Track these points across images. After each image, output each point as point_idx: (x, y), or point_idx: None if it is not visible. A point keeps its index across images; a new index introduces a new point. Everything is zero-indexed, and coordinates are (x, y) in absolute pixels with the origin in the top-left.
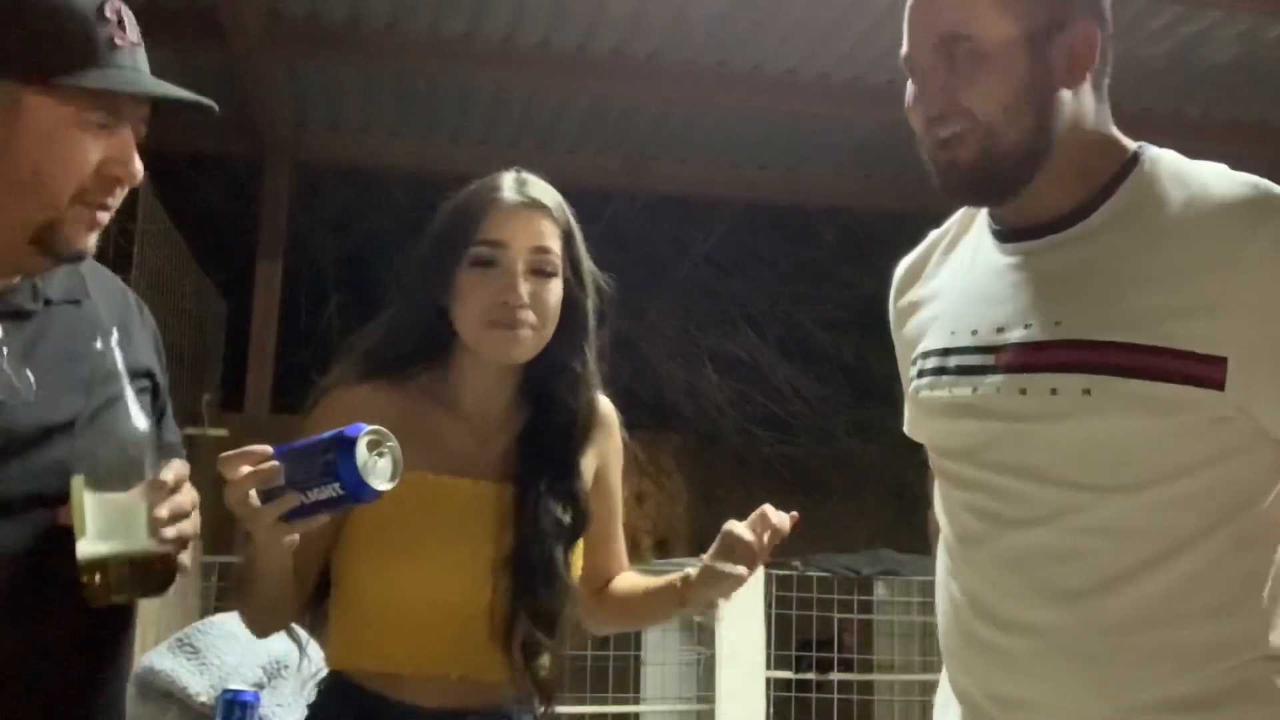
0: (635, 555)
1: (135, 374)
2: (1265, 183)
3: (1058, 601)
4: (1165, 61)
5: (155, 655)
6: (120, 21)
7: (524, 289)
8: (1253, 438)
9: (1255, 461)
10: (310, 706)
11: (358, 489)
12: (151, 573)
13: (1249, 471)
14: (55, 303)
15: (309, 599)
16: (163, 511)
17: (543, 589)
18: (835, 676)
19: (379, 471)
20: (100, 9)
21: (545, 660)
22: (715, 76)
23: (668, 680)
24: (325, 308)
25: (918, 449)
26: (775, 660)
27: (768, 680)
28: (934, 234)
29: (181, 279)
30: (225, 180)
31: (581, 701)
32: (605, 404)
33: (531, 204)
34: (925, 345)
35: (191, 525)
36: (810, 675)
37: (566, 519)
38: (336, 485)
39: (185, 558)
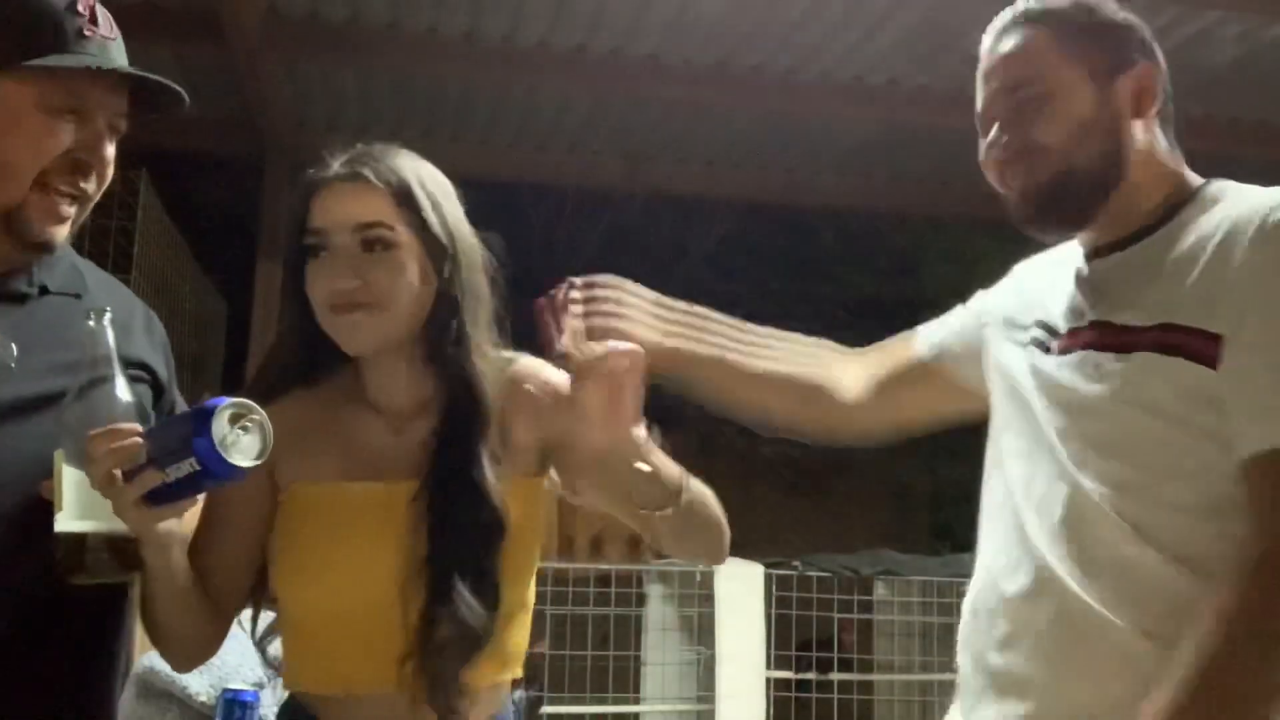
0: (635, 554)
1: (128, 363)
2: None
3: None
4: (1165, 61)
5: (155, 655)
6: (93, 17)
7: (354, 271)
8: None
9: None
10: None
11: (216, 465)
12: (129, 554)
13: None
14: (54, 292)
15: (226, 618)
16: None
17: (448, 602)
18: (835, 676)
19: (241, 447)
20: (73, 3)
21: (440, 679)
22: (715, 76)
23: (668, 680)
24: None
25: (918, 449)
26: (775, 660)
27: (768, 680)
28: (1050, 252)
29: (181, 279)
30: (225, 180)
31: (581, 701)
32: (524, 365)
33: (350, 178)
34: (1008, 313)
35: (172, 508)
36: (810, 675)
37: (477, 521)
38: (193, 460)
39: None
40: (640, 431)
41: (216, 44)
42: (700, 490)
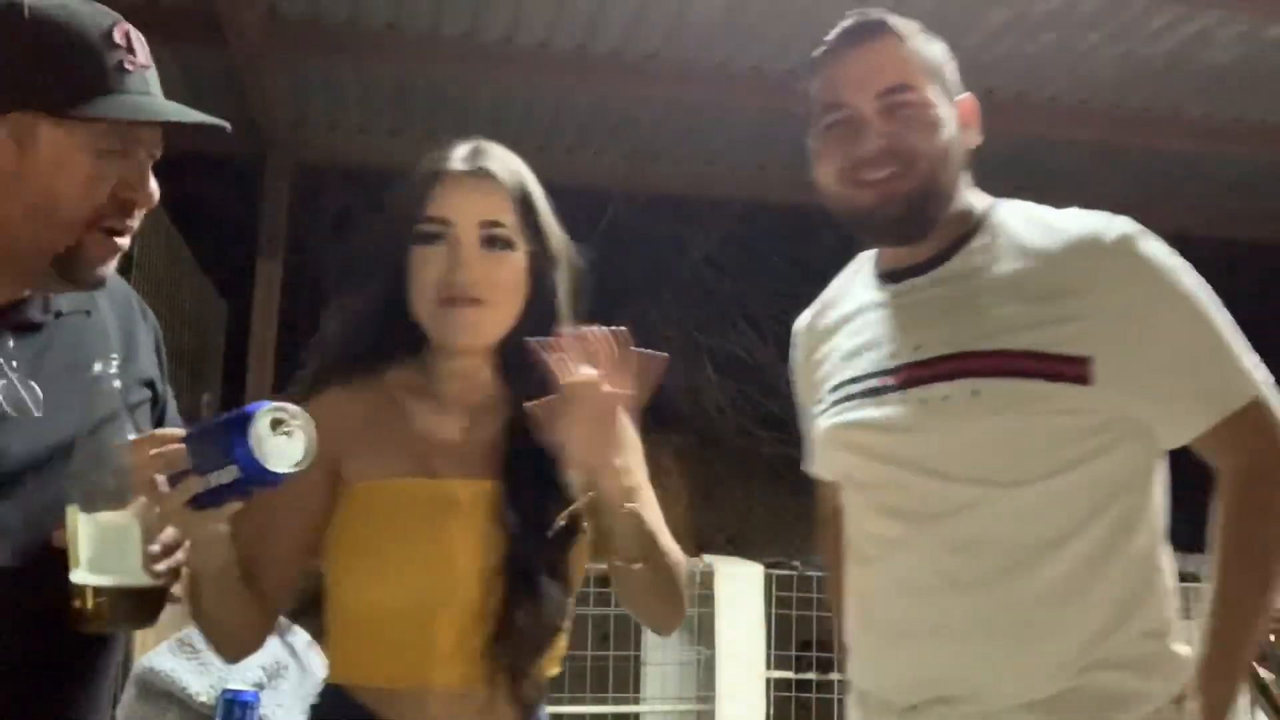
0: None
1: (139, 384)
2: (1115, 217)
3: (971, 588)
4: (1165, 61)
5: (155, 655)
6: (129, 45)
7: (474, 266)
8: (1123, 431)
9: (1128, 453)
10: (310, 711)
11: (256, 472)
12: (144, 605)
13: (1123, 463)
14: (65, 314)
15: (273, 610)
16: (156, 548)
17: (525, 596)
18: (835, 676)
19: (283, 453)
20: (109, 34)
21: (523, 669)
22: (715, 76)
23: (668, 680)
24: (325, 308)
25: None
26: (775, 660)
27: (768, 680)
28: (825, 294)
29: (181, 279)
30: (225, 180)
31: (581, 701)
32: None
33: (478, 173)
34: (831, 382)
35: (184, 553)
36: (810, 675)
37: (553, 521)
38: (234, 468)
39: (177, 588)
40: (629, 477)
41: (217, 45)
42: (676, 561)
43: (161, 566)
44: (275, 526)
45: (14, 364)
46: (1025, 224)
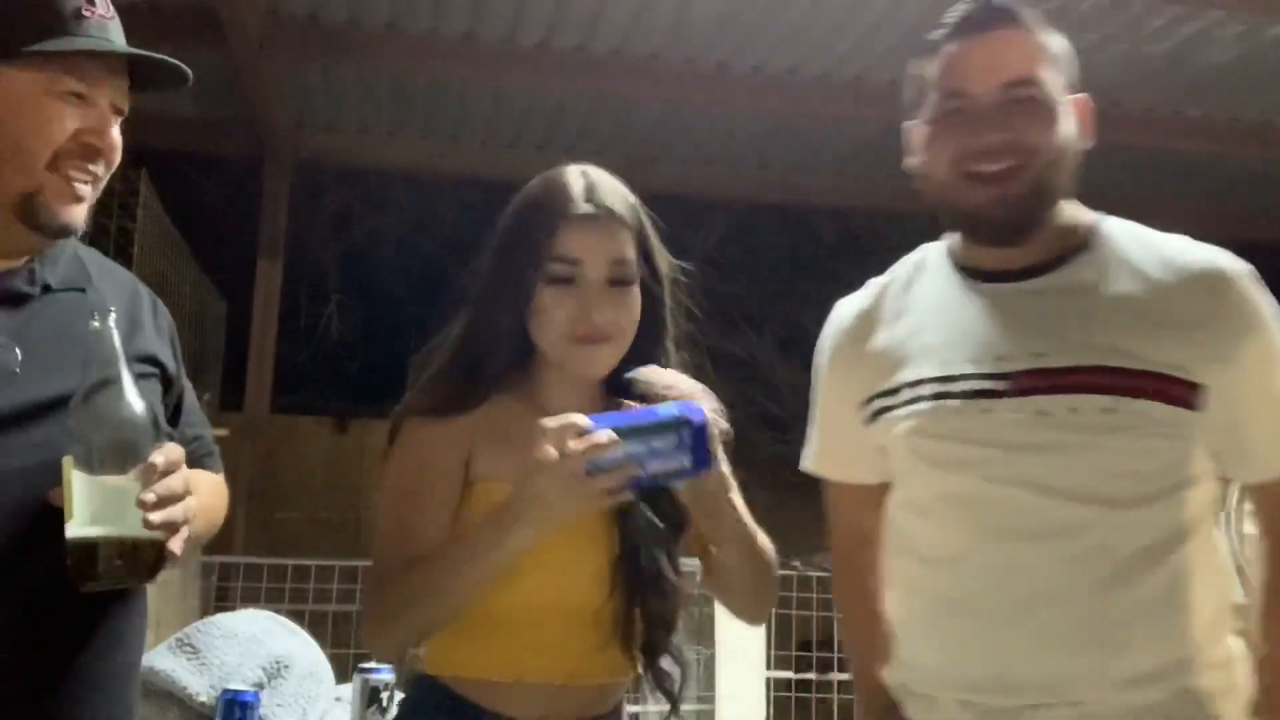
0: None
1: (139, 359)
2: (1226, 254)
3: (1076, 599)
4: (1165, 61)
5: (155, 655)
6: None
7: (605, 306)
8: (1213, 459)
9: (1213, 479)
10: (400, 706)
11: (703, 463)
12: (140, 560)
13: (1211, 487)
14: (56, 289)
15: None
16: (150, 496)
17: (655, 590)
18: (835, 676)
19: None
20: None
21: (666, 659)
22: (715, 76)
23: None
24: (325, 308)
25: None
26: (775, 660)
27: (768, 680)
28: (878, 281)
29: (181, 279)
30: (225, 180)
31: None
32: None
33: (607, 215)
34: (911, 375)
35: (183, 510)
36: (810, 675)
37: (667, 518)
38: (686, 460)
39: (176, 545)
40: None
41: (217, 45)
42: (767, 550)
43: (157, 517)
44: (441, 519)
45: None
46: (1137, 246)
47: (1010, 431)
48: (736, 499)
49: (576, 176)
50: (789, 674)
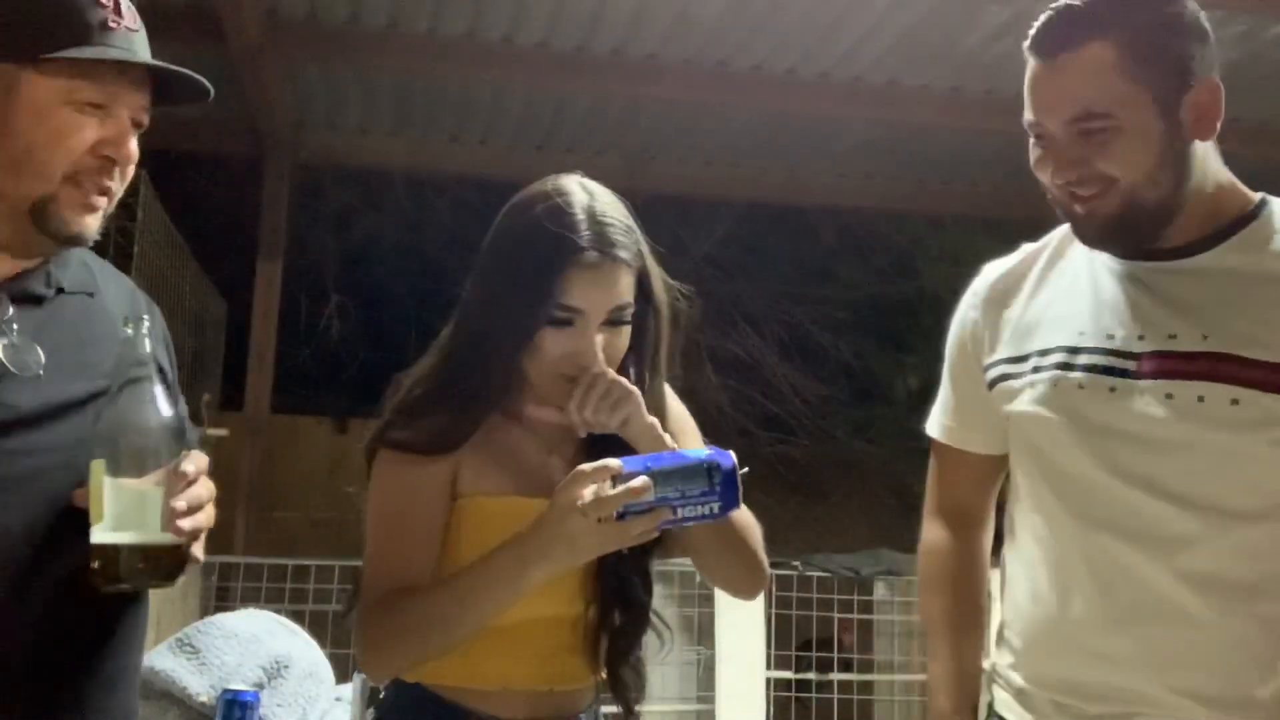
0: None
1: (140, 364)
2: None
3: (1195, 621)
4: None
5: (155, 655)
6: (116, 8)
7: (600, 349)
8: None
9: None
10: (382, 708)
11: (730, 507)
12: (163, 564)
13: None
14: (69, 292)
15: None
16: (181, 503)
17: (621, 601)
18: (835, 676)
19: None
20: None
21: (626, 669)
22: (715, 76)
23: (668, 680)
24: (325, 308)
25: (917, 448)
26: (775, 660)
27: (768, 680)
28: (1030, 247)
29: (181, 279)
30: (225, 180)
31: None
32: (662, 387)
33: (613, 261)
34: (1039, 344)
35: (206, 518)
36: (810, 675)
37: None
38: (715, 505)
39: (198, 550)
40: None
41: (217, 45)
42: (750, 523)
43: (187, 524)
44: (432, 542)
45: (14, 327)
46: None
47: (1131, 418)
48: None
49: (582, 209)
50: (789, 674)
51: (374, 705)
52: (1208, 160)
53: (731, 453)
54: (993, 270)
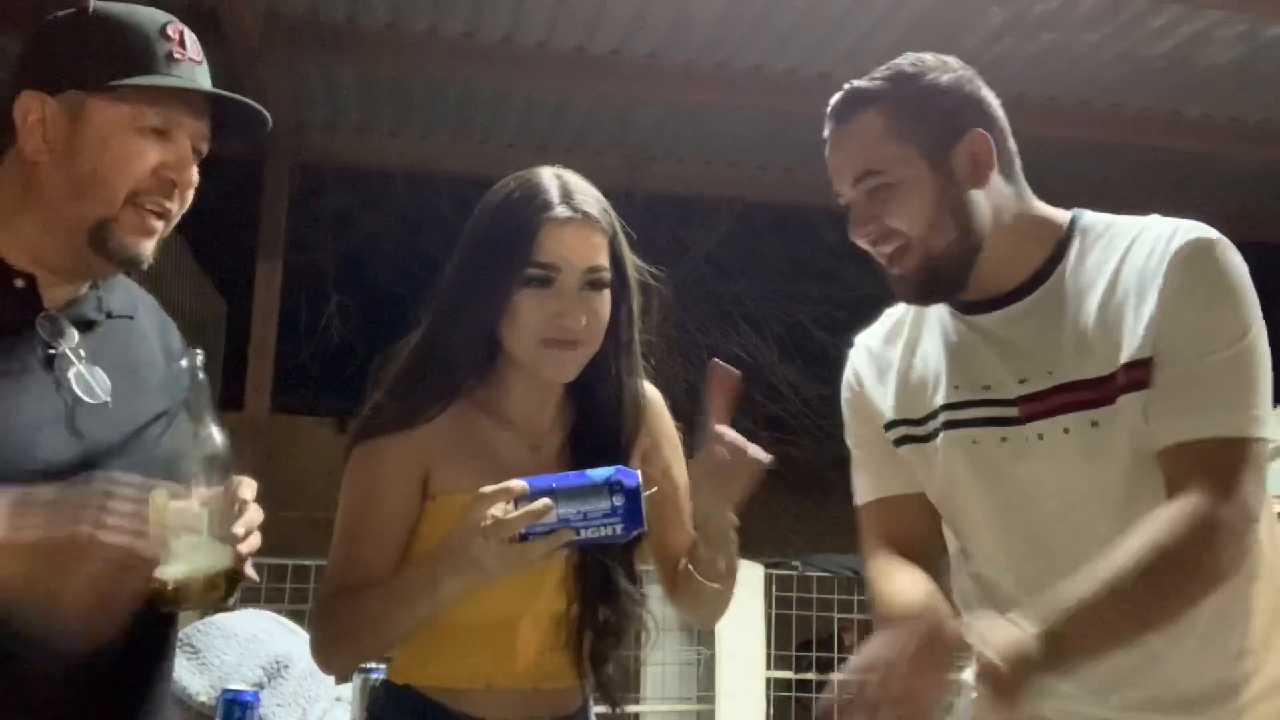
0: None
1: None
2: (1188, 224)
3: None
4: (1165, 61)
5: None
6: (181, 40)
7: (579, 310)
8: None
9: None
10: (369, 710)
11: (633, 528)
12: (223, 586)
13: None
14: (115, 316)
15: None
16: (240, 528)
17: (605, 597)
18: (835, 676)
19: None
20: (163, 29)
21: (611, 666)
22: (715, 76)
23: (668, 680)
24: (325, 308)
25: None
26: (775, 660)
27: (768, 680)
28: (894, 311)
29: (181, 279)
30: (225, 180)
31: None
32: (648, 389)
33: (583, 219)
34: (933, 403)
35: (258, 540)
36: (810, 675)
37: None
38: (619, 525)
39: (250, 569)
40: (732, 518)
41: (217, 44)
42: (735, 569)
43: (245, 549)
44: (388, 542)
45: (81, 354)
46: (1104, 245)
47: (1025, 462)
48: (734, 538)
49: (551, 179)
50: (789, 674)
51: (369, 705)
52: (1000, 203)
53: (638, 472)
54: (868, 339)
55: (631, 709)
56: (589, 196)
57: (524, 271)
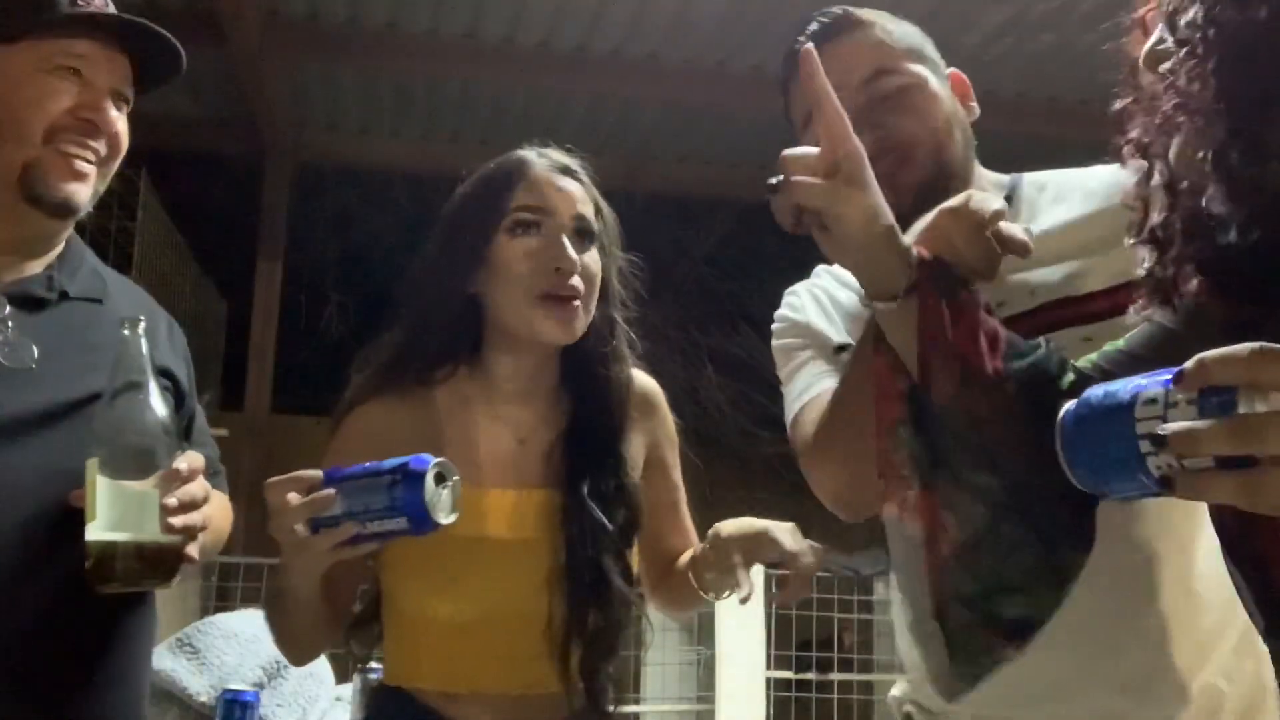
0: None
1: (157, 371)
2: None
3: None
4: None
5: (155, 655)
6: None
7: (572, 257)
8: None
9: None
10: (365, 712)
11: (423, 524)
12: (159, 564)
13: None
14: (74, 298)
15: (342, 619)
16: (172, 500)
17: (595, 599)
18: (835, 676)
19: (443, 504)
20: None
21: (601, 671)
22: (715, 76)
23: (668, 680)
24: (325, 308)
25: None
26: (775, 660)
27: (768, 680)
28: (835, 269)
29: (181, 279)
30: (225, 180)
31: None
32: (647, 381)
33: (565, 170)
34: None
35: (201, 517)
36: (810, 675)
37: (616, 522)
38: (402, 520)
39: (194, 550)
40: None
41: (217, 45)
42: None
43: (179, 522)
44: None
45: (10, 324)
46: (1056, 189)
47: None
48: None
49: (527, 148)
50: (789, 674)
51: (367, 705)
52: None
53: (433, 460)
54: (809, 285)
55: (631, 709)
56: (569, 160)
57: (508, 217)
